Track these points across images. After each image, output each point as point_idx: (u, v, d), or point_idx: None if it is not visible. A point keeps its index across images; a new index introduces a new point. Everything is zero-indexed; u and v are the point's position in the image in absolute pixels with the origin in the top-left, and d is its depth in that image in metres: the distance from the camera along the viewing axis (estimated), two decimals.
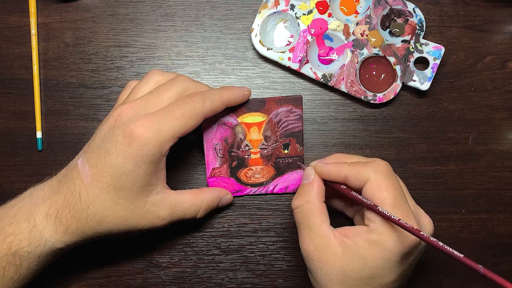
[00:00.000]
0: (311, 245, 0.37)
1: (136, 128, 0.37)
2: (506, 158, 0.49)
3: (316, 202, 0.38)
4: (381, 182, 0.36)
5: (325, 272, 0.37)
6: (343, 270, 0.36)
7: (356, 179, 0.37)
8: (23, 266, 0.38)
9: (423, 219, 0.38)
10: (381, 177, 0.36)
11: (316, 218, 0.38)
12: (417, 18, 0.47)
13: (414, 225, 0.35)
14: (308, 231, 0.38)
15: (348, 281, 0.36)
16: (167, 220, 0.41)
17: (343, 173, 0.38)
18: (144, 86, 0.41)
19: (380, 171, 0.37)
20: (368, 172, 0.37)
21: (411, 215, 0.36)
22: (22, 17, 0.49)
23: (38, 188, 0.41)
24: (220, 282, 0.48)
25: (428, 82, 0.47)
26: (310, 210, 0.38)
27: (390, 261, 0.36)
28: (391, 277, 0.36)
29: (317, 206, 0.38)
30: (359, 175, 0.37)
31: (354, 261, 0.36)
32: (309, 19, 0.48)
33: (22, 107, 0.48)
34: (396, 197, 0.36)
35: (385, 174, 0.36)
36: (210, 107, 0.40)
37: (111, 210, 0.39)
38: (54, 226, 0.39)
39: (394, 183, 0.36)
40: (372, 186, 0.36)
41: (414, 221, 0.36)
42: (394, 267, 0.36)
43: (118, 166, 0.38)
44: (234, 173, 0.46)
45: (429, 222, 0.39)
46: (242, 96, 0.44)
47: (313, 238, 0.37)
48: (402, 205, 0.36)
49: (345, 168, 0.38)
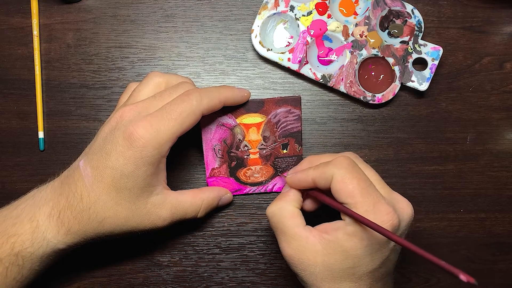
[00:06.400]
0: (289, 249, 0.38)
1: (136, 130, 0.38)
2: (504, 158, 0.49)
3: (289, 207, 0.39)
4: (344, 177, 0.37)
5: (310, 272, 0.38)
6: (326, 265, 0.37)
7: (322, 180, 0.38)
8: (25, 266, 0.38)
9: (400, 204, 0.39)
10: (343, 171, 0.37)
11: (290, 221, 0.39)
12: (416, 19, 0.48)
13: (387, 210, 0.36)
14: (284, 236, 0.39)
15: (333, 274, 0.37)
16: (168, 220, 0.42)
17: (309, 177, 0.39)
18: (144, 88, 0.42)
19: (342, 166, 0.37)
20: (331, 170, 0.37)
21: (382, 201, 0.36)
22: (24, 18, 0.49)
23: (41, 189, 0.41)
24: (220, 281, 0.48)
25: (426, 83, 0.47)
26: (282, 215, 0.39)
27: (370, 249, 0.36)
28: (374, 264, 0.37)
29: (289, 211, 0.39)
30: (323, 175, 0.38)
31: (335, 254, 0.37)
32: (309, 20, 0.48)
33: (24, 108, 0.49)
34: (362, 187, 0.36)
35: (347, 168, 0.37)
36: (208, 105, 0.40)
37: (113, 211, 0.39)
38: (57, 227, 0.39)
39: (358, 174, 0.37)
40: (337, 182, 0.37)
41: (386, 206, 0.36)
42: (375, 254, 0.37)
43: (119, 167, 0.38)
44: (233, 173, 0.46)
45: (407, 205, 0.39)
46: (241, 97, 0.44)
47: (290, 242, 0.38)
48: (370, 193, 0.36)
49: (310, 173, 0.39)
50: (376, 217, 0.35)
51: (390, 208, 0.36)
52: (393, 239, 0.33)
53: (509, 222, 0.49)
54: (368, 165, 0.40)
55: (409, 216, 0.39)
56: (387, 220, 0.36)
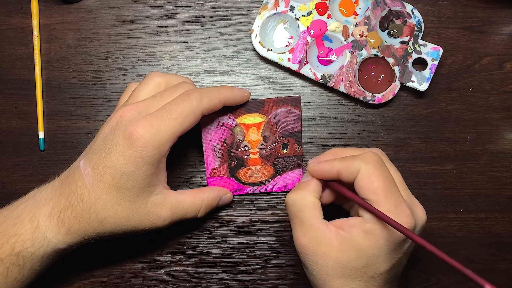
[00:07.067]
0: (305, 239, 0.38)
1: (136, 130, 0.38)
2: (503, 158, 0.49)
3: (310, 198, 0.39)
4: (371, 173, 0.36)
5: (321, 265, 0.37)
6: (339, 261, 0.37)
7: (348, 173, 0.37)
8: (26, 266, 0.38)
9: (416, 208, 0.39)
10: (371, 167, 0.36)
11: (309, 212, 0.38)
12: (416, 19, 0.48)
13: (407, 213, 0.36)
14: (301, 225, 0.38)
15: (344, 271, 0.37)
16: (169, 220, 0.42)
17: (334, 169, 0.38)
18: (144, 88, 0.42)
19: (370, 162, 0.37)
20: (358, 164, 0.37)
21: (403, 204, 0.36)
22: (24, 18, 0.49)
23: (41, 189, 0.41)
24: (220, 281, 0.48)
25: (426, 83, 0.47)
26: (303, 205, 0.38)
27: (385, 249, 0.36)
28: (386, 266, 0.37)
29: (310, 201, 0.39)
30: (350, 168, 0.37)
31: (349, 251, 0.36)
32: (309, 20, 0.48)
33: (25, 108, 0.49)
34: (387, 186, 0.36)
35: (375, 164, 0.37)
36: (208, 105, 0.40)
37: (113, 210, 0.39)
38: (57, 227, 0.39)
39: (384, 172, 0.37)
40: (362, 177, 0.36)
41: (406, 209, 0.36)
42: (389, 255, 0.36)
43: (119, 167, 0.38)
44: (233, 172, 0.47)
45: (422, 211, 0.39)
46: (241, 97, 0.44)
47: (306, 232, 0.38)
48: (393, 193, 0.36)
49: (336, 164, 0.38)
50: (396, 218, 0.35)
51: (409, 212, 0.36)
52: (415, 239, 0.33)
53: (509, 222, 0.49)
54: (393, 165, 0.40)
55: (423, 222, 0.39)
56: (405, 223, 0.35)
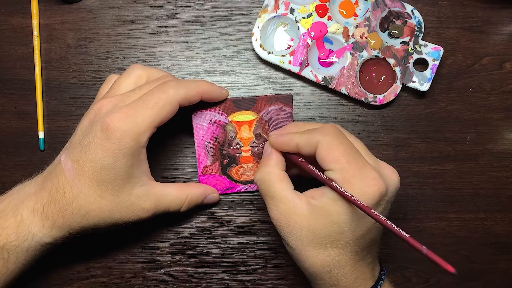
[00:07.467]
0: (277, 212, 0.38)
1: (112, 122, 0.38)
2: (503, 158, 0.49)
3: (275, 171, 0.39)
4: (330, 143, 0.37)
5: (295, 235, 0.38)
6: (312, 230, 0.37)
7: (307, 146, 0.38)
8: (10, 260, 0.39)
9: (386, 170, 0.39)
10: (329, 138, 0.37)
11: (278, 185, 0.38)
12: (416, 19, 0.48)
13: (373, 175, 0.36)
14: (272, 200, 0.39)
15: (318, 239, 0.37)
16: (152, 212, 0.42)
17: (294, 142, 0.39)
18: (125, 80, 0.42)
19: (329, 133, 0.37)
20: (317, 136, 0.37)
21: (368, 166, 0.36)
22: (24, 18, 0.49)
23: (25, 184, 0.41)
24: (220, 281, 0.48)
25: (427, 83, 0.47)
26: (271, 180, 0.39)
27: (356, 214, 0.36)
28: (360, 231, 0.37)
29: (276, 174, 0.39)
30: (309, 141, 0.38)
31: (320, 219, 0.37)
32: (309, 22, 0.48)
33: (25, 108, 0.49)
34: (347, 153, 0.36)
35: (333, 135, 0.37)
36: (185, 95, 0.40)
37: (96, 204, 0.39)
38: (41, 221, 0.39)
39: (344, 140, 0.37)
40: (322, 148, 0.37)
41: (372, 171, 0.36)
42: (360, 220, 0.36)
43: (98, 160, 0.38)
44: (225, 170, 0.47)
45: (393, 173, 0.39)
46: (220, 93, 0.44)
47: (278, 205, 0.38)
48: (356, 159, 0.36)
49: (296, 137, 0.39)
50: (363, 182, 0.35)
51: (376, 174, 0.36)
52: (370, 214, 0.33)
53: (509, 222, 0.49)
54: (354, 136, 0.40)
55: (395, 183, 0.38)
56: (373, 185, 0.36)
